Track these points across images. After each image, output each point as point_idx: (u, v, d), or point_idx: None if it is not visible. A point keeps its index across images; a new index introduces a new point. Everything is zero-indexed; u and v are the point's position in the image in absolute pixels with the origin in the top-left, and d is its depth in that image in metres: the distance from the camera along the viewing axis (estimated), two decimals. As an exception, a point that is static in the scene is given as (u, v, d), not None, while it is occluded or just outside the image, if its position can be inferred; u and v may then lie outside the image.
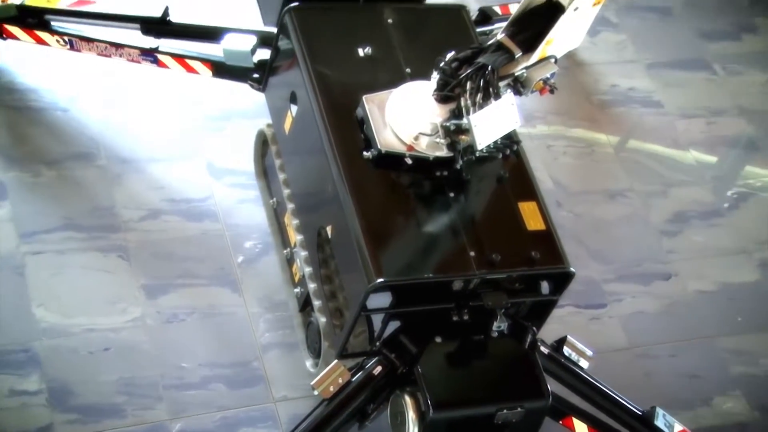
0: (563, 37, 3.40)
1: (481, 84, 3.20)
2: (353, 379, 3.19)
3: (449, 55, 3.30)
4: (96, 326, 3.72)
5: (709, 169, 5.34)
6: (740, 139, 5.51)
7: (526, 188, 3.45)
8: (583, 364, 3.55)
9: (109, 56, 4.21)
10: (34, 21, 4.21)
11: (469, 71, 3.22)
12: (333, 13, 3.85)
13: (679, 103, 5.53)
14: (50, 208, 4.03)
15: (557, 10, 3.33)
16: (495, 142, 3.29)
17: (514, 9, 4.60)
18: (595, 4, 3.41)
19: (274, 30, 3.87)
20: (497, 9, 4.91)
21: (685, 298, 4.68)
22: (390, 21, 3.81)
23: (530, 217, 3.36)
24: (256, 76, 4.07)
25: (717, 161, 5.39)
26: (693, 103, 5.58)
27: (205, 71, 4.14)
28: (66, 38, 4.20)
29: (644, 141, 5.31)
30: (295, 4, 3.73)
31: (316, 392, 3.12)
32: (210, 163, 4.36)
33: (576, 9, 3.25)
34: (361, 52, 3.64)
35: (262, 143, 4.18)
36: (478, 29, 4.39)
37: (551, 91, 3.42)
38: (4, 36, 4.28)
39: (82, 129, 4.30)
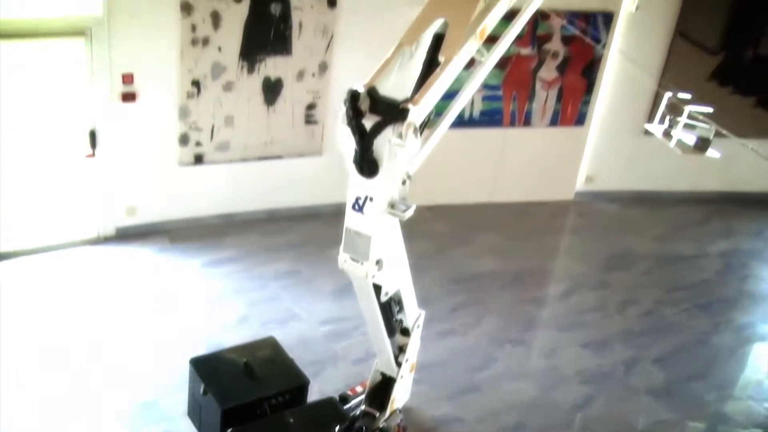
0: (400, 394, 3.62)
1: (365, 436, 3.38)
2: None
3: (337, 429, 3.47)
4: None
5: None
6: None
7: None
8: None
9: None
10: None
11: (354, 434, 3.40)
12: (259, 427, 3.97)
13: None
14: None
15: (391, 381, 3.57)
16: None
17: (358, 389, 4.79)
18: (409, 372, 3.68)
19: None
20: (349, 392, 5.06)
21: None
22: (291, 420, 3.94)
23: None
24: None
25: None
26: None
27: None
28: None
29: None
30: (230, 429, 3.83)
31: None
32: None
33: (401, 377, 3.51)
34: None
35: None
36: (345, 407, 4.54)
37: (404, 430, 3.62)
38: None
39: None
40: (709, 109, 5.02)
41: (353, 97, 3.54)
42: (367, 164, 3.51)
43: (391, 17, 7.87)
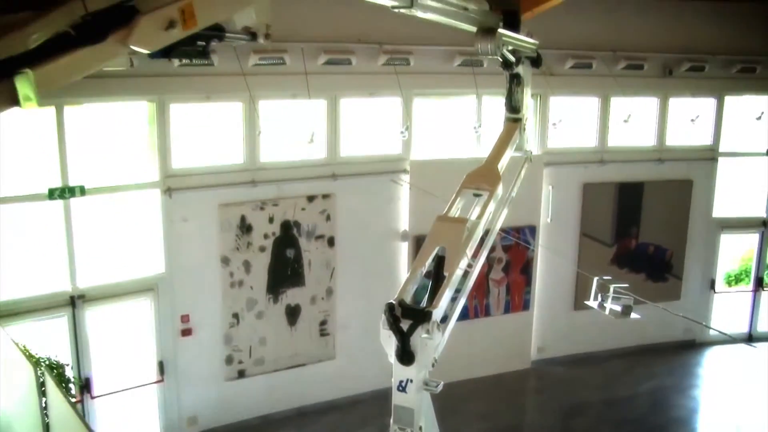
0: None
1: None
2: None
3: None
4: None
5: None
6: None
7: None
8: None
9: None
10: None
11: None
12: None
13: None
14: None
15: None
16: None
17: None
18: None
19: None
20: None
21: None
22: None
23: None
24: None
25: None
26: None
27: None
28: None
29: None
30: None
31: None
32: None
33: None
34: None
35: None
36: None
37: None
38: None
39: None
40: (626, 285, 5.63)
41: (390, 308, 3.91)
42: (406, 355, 3.85)
43: (376, 250, 8.68)
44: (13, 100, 2.00)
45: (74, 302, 7.09)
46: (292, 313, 8.43)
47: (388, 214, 8.82)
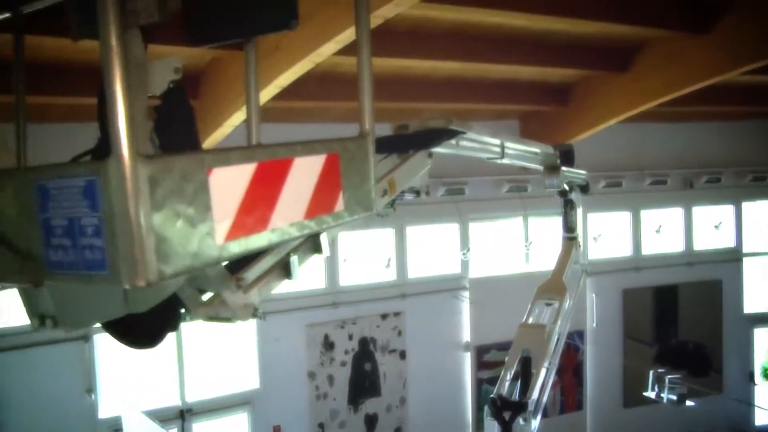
0: None
1: None
2: None
3: None
4: None
5: None
6: None
7: None
8: None
9: None
10: None
11: None
12: None
13: None
14: None
15: None
16: None
17: None
18: None
19: None
20: None
21: None
22: None
23: None
24: None
25: None
26: None
27: None
28: None
29: None
30: None
31: None
32: None
33: None
34: None
35: None
36: None
37: None
38: None
39: None
40: (679, 375, 6.53)
41: (494, 402, 4.84)
42: (508, 441, 4.72)
43: (442, 360, 9.66)
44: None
45: (183, 415, 8.06)
46: (371, 422, 9.26)
47: (452, 328, 9.88)
